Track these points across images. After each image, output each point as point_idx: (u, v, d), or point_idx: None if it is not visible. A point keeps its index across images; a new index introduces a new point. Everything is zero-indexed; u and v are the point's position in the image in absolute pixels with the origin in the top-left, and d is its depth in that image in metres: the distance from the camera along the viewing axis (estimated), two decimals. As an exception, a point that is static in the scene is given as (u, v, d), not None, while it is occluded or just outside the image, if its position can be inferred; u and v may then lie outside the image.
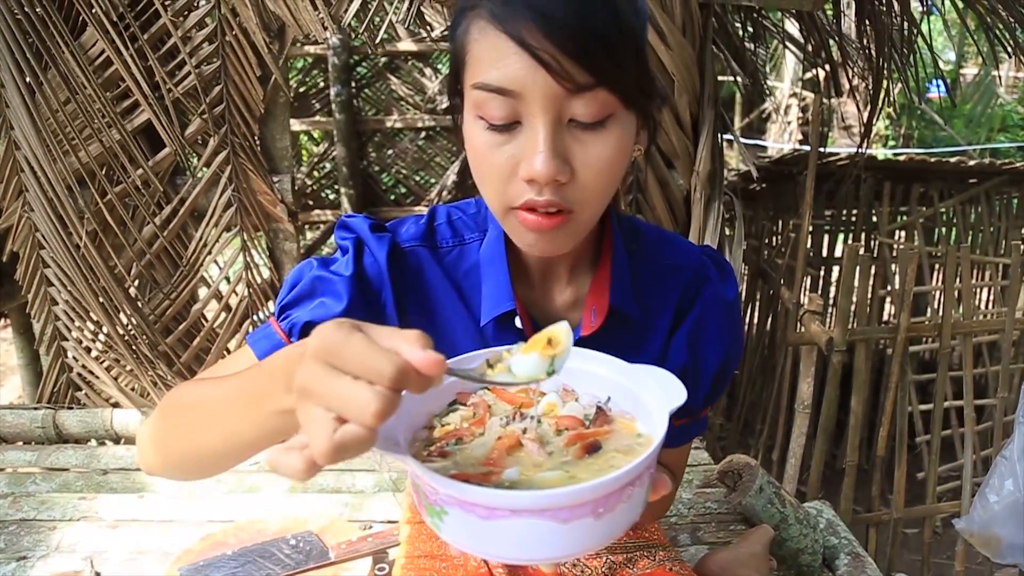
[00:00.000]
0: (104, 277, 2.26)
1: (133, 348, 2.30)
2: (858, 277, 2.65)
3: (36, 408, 2.33)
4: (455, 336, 0.95)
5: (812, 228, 4.01)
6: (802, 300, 3.17)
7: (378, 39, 2.23)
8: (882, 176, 4.28)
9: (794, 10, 2.59)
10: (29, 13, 2.10)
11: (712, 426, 3.70)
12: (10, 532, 1.70)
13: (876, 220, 4.34)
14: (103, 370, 2.35)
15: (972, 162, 4.45)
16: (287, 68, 3.67)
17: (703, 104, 2.14)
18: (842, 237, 4.59)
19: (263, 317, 2.42)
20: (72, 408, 2.35)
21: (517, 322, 0.92)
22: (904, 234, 4.43)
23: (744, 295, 4.23)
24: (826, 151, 4.80)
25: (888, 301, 4.28)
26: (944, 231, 4.57)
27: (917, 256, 3.00)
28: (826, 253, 4.53)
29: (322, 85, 5.37)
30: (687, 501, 1.80)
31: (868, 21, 2.81)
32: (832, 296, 4.48)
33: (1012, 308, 2.84)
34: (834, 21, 3.05)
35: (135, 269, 2.34)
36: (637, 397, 0.73)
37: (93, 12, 2.09)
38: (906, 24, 2.89)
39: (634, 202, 2.19)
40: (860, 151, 3.57)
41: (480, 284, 0.94)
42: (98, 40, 2.12)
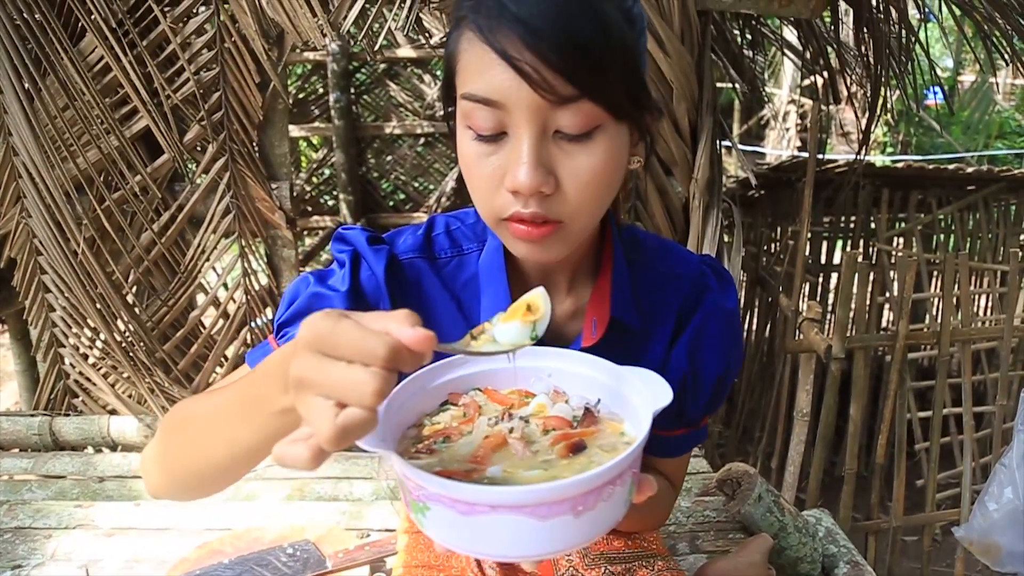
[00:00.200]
0: (102, 283, 2.25)
1: (130, 355, 2.30)
2: (856, 284, 2.65)
3: (32, 415, 2.32)
4: None
5: (810, 235, 4.01)
6: (801, 307, 3.17)
7: (377, 45, 2.24)
8: (880, 183, 4.28)
9: (792, 18, 2.59)
10: (28, 19, 2.10)
11: (711, 433, 3.69)
12: (5, 540, 1.69)
13: (874, 227, 4.34)
14: (100, 377, 2.35)
15: (970, 169, 4.46)
16: (286, 74, 3.68)
17: (702, 111, 2.14)
18: (840, 244, 4.59)
19: (261, 324, 2.41)
20: (69, 415, 2.35)
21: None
22: (902, 241, 4.44)
23: (743, 302, 4.22)
24: (824, 158, 4.80)
25: (886, 308, 4.28)
26: (942, 238, 4.57)
27: (916, 264, 3.00)
28: (824, 260, 4.53)
29: (321, 91, 5.37)
30: (685, 509, 1.80)
31: (866, 29, 2.82)
32: (830, 303, 4.48)
33: (1011, 315, 2.84)
34: (832, 28, 3.06)
35: (133, 275, 2.34)
36: (625, 399, 0.74)
37: (92, 18, 2.09)
38: (904, 32, 2.90)
39: (633, 210, 2.19)
40: (859, 158, 3.57)
41: (479, 295, 0.94)
42: (97, 46, 2.12)
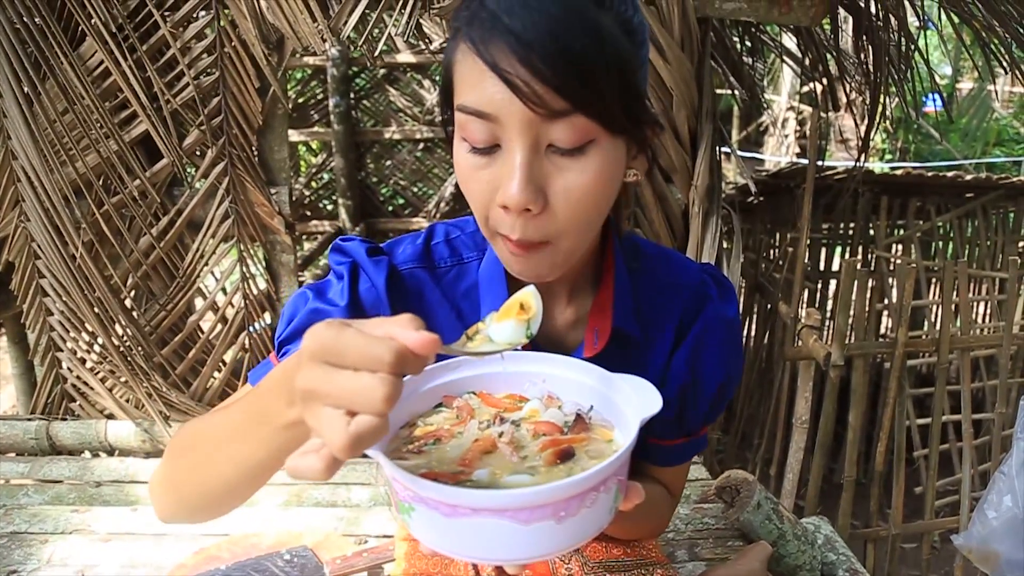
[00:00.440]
0: (100, 287, 2.25)
1: (128, 359, 2.29)
2: (856, 291, 2.65)
3: (29, 419, 2.32)
4: None
5: (809, 242, 4.01)
6: (800, 315, 3.16)
7: (377, 51, 2.24)
8: (879, 190, 4.29)
9: (792, 25, 2.59)
10: (28, 23, 2.10)
11: (709, 440, 3.68)
12: (1, 545, 1.68)
13: (873, 234, 4.35)
14: (98, 381, 2.34)
15: (969, 176, 4.46)
16: (286, 79, 3.68)
17: (701, 118, 2.14)
18: (839, 251, 4.60)
19: (259, 329, 2.41)
20: (66, 419, 2.34)
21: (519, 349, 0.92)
22: (901, 248, 4.44)
23: (741, 309, 4.22)
24: (823, 165, 4.80)
25: (885, 315, 4.28)
26: (940, 245, 4.58)
27: (915, 271, 3.00)
28: (823, 267, 4.53)
29: (321, 96, 5.38)
30: (684, 517, 1.79)
31: (865, 36, 2.82)
32: (829, 310, 4.48)
33: (1010, 323, 2.84)
34: (832, 36, 3.06)
35: (131, 280, 2.33)
36: (617, 406, 0.74)
37: (92, 22, 2.09)
38: (903, 39, 2.91)
39: (632, 217, 2.19)
40: (858, 165, 3.58)
41: (479, 304, 0.93)
42: (97, 51, 2.12)
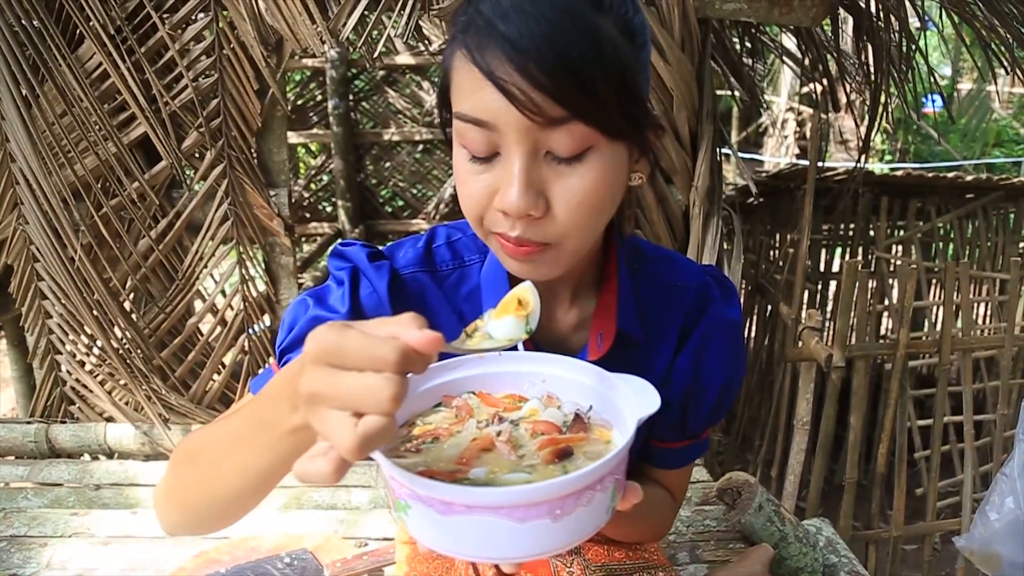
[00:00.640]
0: (99, 290, 2.24)
1: (127, 362, 2.28)
2: (856, 293, 2.65)
3: (29, 422, 2.31)
4: None
5: (809, 243, 4.01)
6: (801, 316, 3.16)
7: (376, 52, 2.24)
8: (879, 191, 4.28)
9: (793, 26, 2.59)
10: (26, 25, 2.09)
11: (710, 442, 3.68)
12: (0, 549, 1.68)
13: (873, 235, 4.34)
14: (97, 384, 2.33)
15: (969, 177, 4.46)
16: (284, 81, 3.68)
17: (702, 119, 2.14)
18: (839, 252, 4.59)
19: (259, 331, 2.40)
20: (65, 422, 2.34)
21: (520, 348, 0.91)
22: (901, 249, 4.44)
23: (742, 310, 4.22)
24: (823, 166, 4.80)
25: (885, 316, 4.28)
26: (941, 246, 4.57)
27: (916, 272, 3.00)
28: (823, 268, 4.53)
29: (320, 98, 5.38)
30: (686, 519, 1.78)
31: (866, 36, 2.82)
32: (829, 310, 4.48)
33: (1011, 324, 2.83)
34: (832, 36, 3.06)
35: (130, 282, 2.33)
36: (616, 406, 0.74)
37: (90, 25, 2.09)
38: (904, 40, 2.90)
39: (633, 218, 2.19)
40: (858, 166, 3.57)
41: (482, 308, 0.93)
42: (95, 53, 2.12)
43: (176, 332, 2.39)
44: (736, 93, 3.24)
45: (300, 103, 5.44)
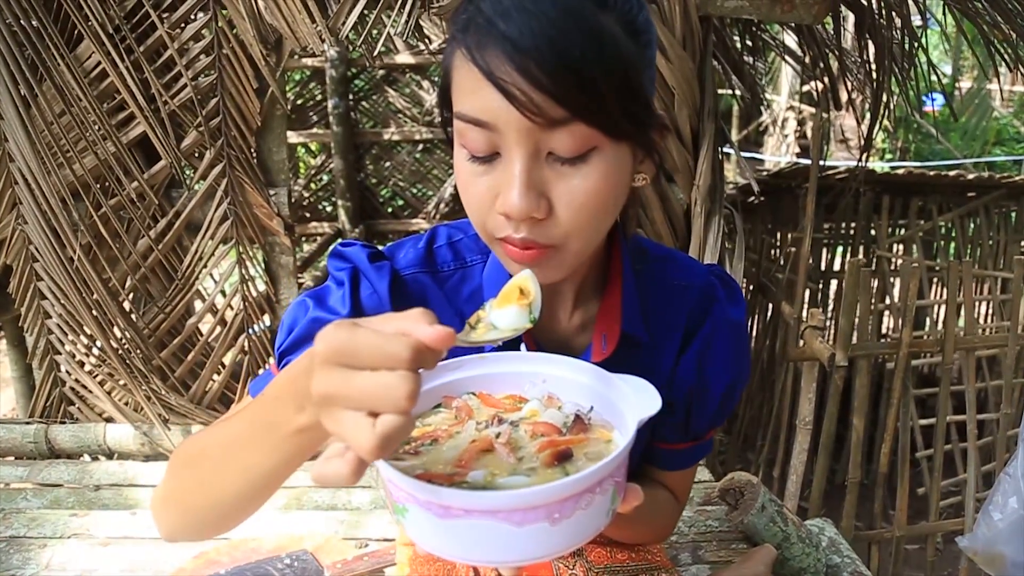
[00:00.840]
0: (98, 290, 2.23)
1: (127, 362, 2.28)
2: (859, 292, 2.64)
3: (28, 422, 2.31)
4: None
5: (811, 241, 4.00)
6: (803, 315, 3.15)
7: (376, 52, 2.22)
8: (881, 189, 4.28)
9: (794, 23, 2.58)
10: (24, 25, 2.08)
11: (713, 443, 3.67)
12: (-1, 551, 1.67)
13: (875, 233, 4.33)
14: (96, 384, 2.33)
15: (971, 176, 4.45)
16: (284, 80, 3.67)
17: (703, 118, 2.13)
18: (840, 250, 4.59)
19: (259, 331, 2.39)
20: (64, 423, 2.33)
21: (522, 349, 0.90)
22: (902, 247, 4.43)
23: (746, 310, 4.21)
24: (824, 164, 4.79)
25: (886, 314, 4.27)
26: (942, 244, 4.57)
27: (919, 271, 2.99)
28: (825, 267, 4.52)
29: (320, 97, 5.38)
30: (688, 519, 1.78)
31: (868, 35, 2.81)
32: (830, 309, 4.47)
33: (1015, 322, 2.82)
34: (833, 34, 3.05)
35: (130, 282, 2.32)
36: (617, 407, 0.73)
37: (89, 24, 2.08)
38: (906, 37, 2.89)
39: (634, 216, 2.18)
40: (860, 164, 3.56)
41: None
42: (94, 52, 2.11)
43: (176, 332, 2.38)
44: (737, 91, 3.23)
45: (300, 102, 5.43)
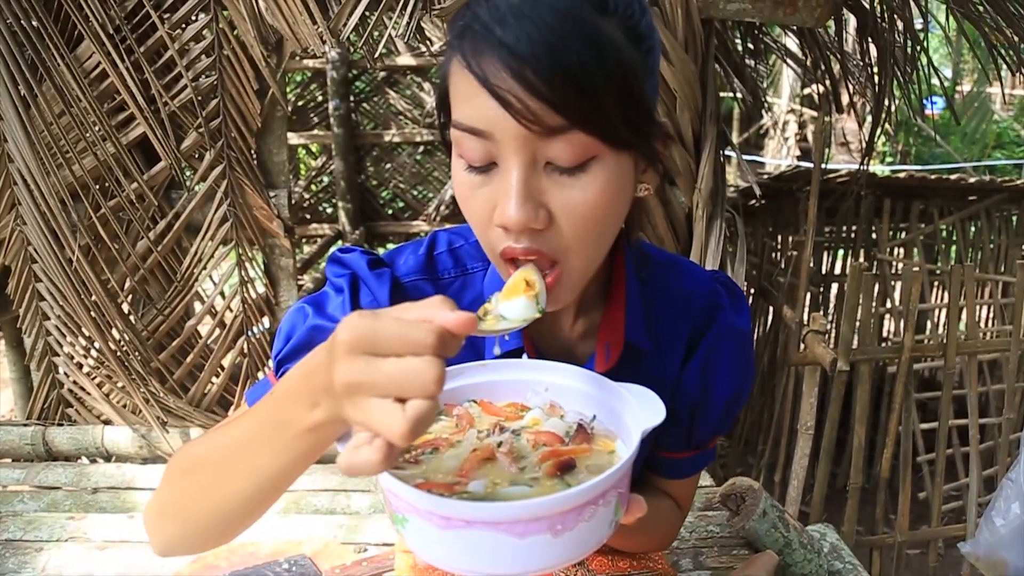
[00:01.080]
0: (97, 292, 2.23)
1: (125, 364, 2.27)
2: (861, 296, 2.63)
3: (26, 424, 2.30)
4: None
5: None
6: (804, 319, 3.14)
7: (377, 53, 2.22)
8: (882, 193, 4.27)
9: (796, 26, 2.57)
10: (25, 25, 2.08)
11: (716, 450, 3.66)
12: (-5, 554, 1.66)
13: (876, 237, 4.33)
14: (94, 386, 2.32)
15: (972, 179, 4.45)
16: (284, 82, 3.66)
17: (705, 121, 2.12)
18: (841, 254, 4.58)
19: (258, 333, 2.38)
20: (62, 425, 2.32)
21: (524, 357, 0.89)
22: (903, 251, 4.42)
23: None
24: (826, 167, 4.79)
25: (887, 318, 4.26)
26: (943, 248, 4.56)
27: (920, 275, 2.98)
28: (825, 270, 4.52)
29: (320, 99, 5.38)
30: (689, 525, 1.76)
31: (870, 38, 2.80)
32: (831, 313, 4.47)
33: (1018, 326, 2.81)
34: (835, 38, 3.04)
35: (128, 284, 2.31)
36: (620, 416, 0.72)
37: (89, 24, 2.07)
38: (908, 41, 2.88)
39: (638, 223, 2.17)
40: (862, 167, 3.56)
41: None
42: (94, 52, 2.10)
43: (174, 334, 2.37)
44: (738, 94, 3.22)
45: (301, 104, 5.44)
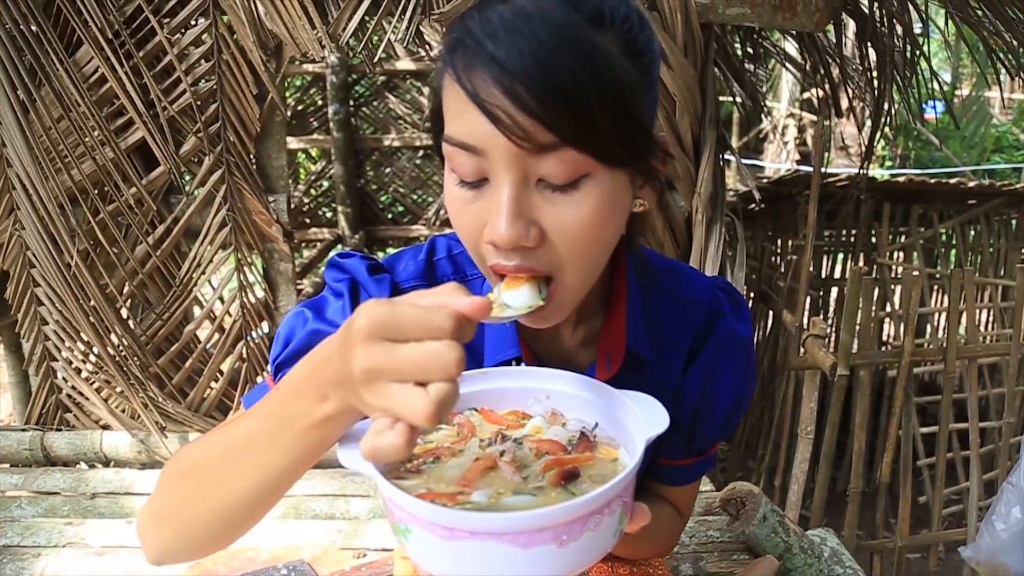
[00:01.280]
0: (95, 296, 2.22)
1: (124, 369, 2.26)
2: (861, 300, 2.63)
3: (24, 429, 2.29)
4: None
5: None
6: (804, 323, 3.14)
7: (376, 58, 2.21)
8: (881, 197, 4.28)
9: (796, 31, 2.57)
10: (24, 30, 2.07)
11: (717, 456, 3.66)
12: (-7, 560, 1.65)
13: (875, 241, 4.33)
14: (93, 391, 2.31)
15: (972, 183, 4.45)
16: (284, 86, 3.66)
17: (704, 125, 2.12)
18: (840, 258, 4.58)
19: (257, 338, 2.38)
20: (61, 430, 2.31)
21: (523, 366, 0.88)
22: (903, 255, 4.42)
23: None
24: (825, 172, 4.79)
25: (887, 322, 4.26)
26: (943, 252, 4.56)
27: (921, 279, 2.98)
28: (825, 274, 4.52)
29: (320, 103, 5.38)
30: (689, 530, 1.76)
31: (869, 42, 2.80)
32: (831, 316, 4.47)
33: (1017, 330, 2.81)
34: (834, 42, 3.04)
35: (127, 289, 2.30)
36: (622, 423, 0.72)
37: (88, 29, 2.07)
38: (908, 45, 2.89)
39: (640, 231, 2.16)
40: (861, 171, 3.56)
41: (484, 325, 0.89)
42: (93, 57, 2.10)
43: (173, 339, 2.37)
44: (738, 99, 3.22)
45: (301, 108, 5.44)
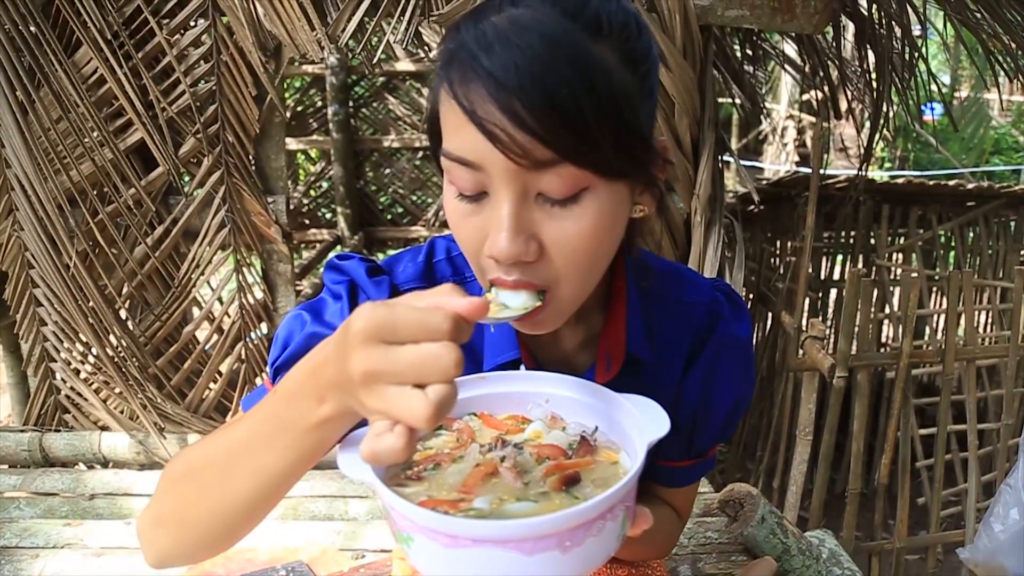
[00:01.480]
0: (94, 297, 2.22)
1: (123, 370, 2.26)
2: (860, 303, 2.63)
3: (22, 430, 2.29)
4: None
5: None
6: (803, 325, 3.14)
7: (376, 59, 2.21)
8: (880, 199, 4.28)
9: (794, 33, 2.58)
10: (23, 31, 2.07)
11: (716, 458, 3.66)
12: (-9, 561, 1.65)
13: (874, 243, 4.33)
14: (92, 392, 2.31)
15: (970, 185, 4.45)
16: (283, 87, 3.66)
17: (703, 127, 2.12)
18: (839, 259, 4.58)
19: (256, 339, 2.38)
20: (59, 431, 2.31)
21: (523, 369, 0.88)
22: (901, 256, 4.42)
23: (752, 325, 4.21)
24: (824, 173, 4.79)
25: (886, 323, 4.26)
26: (942, 253, 4.57)
27: (919, 281, 2.98)
28: (824, 276, 4.52)
29: (320, 104, 5.38)
30: (687, 531, 1.76)
31: (868, 44, 2.80)
32: (830, 318, 4.47)
33: (1016, 332, 2.81)
34: (833, 44, 3.05)
35: (126, 290, 2.30)
36: (622, 427, 0.71)
37: (87, 30, 2.07)
38: (907, 47, 2.89)
39: (640, 235, 2.16)
40: (860, 173, 3.56)
41: (484, 327, 0.89)
42: (92, 58, 2.10)
43: (172, 340, 2.36)
44: (737, 100, 3.22)
45: (300, 109, 5.44)
